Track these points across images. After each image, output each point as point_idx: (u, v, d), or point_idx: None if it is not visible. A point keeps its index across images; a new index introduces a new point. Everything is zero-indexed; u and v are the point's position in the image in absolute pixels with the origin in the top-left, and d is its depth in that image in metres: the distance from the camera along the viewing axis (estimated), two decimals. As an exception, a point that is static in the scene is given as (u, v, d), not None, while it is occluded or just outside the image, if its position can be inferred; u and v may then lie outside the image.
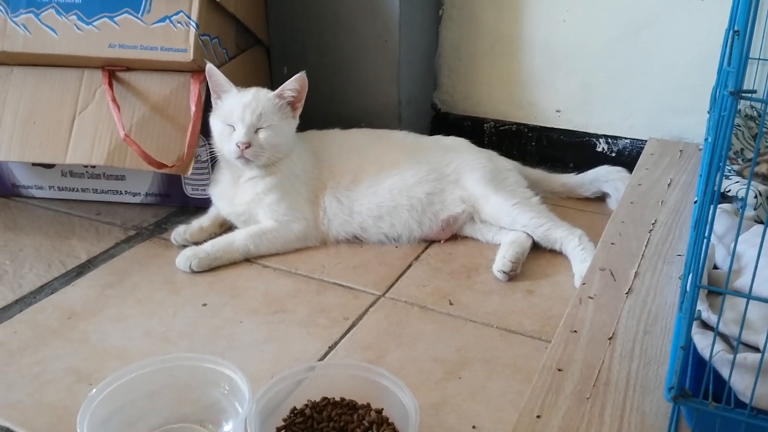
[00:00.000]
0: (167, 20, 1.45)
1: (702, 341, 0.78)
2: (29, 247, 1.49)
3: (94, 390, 0.92)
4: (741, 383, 0.72)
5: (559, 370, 0.89)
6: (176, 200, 1.67)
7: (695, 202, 1.14)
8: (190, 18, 1.44)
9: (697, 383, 0.75)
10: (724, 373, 0.74)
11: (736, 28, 0.80)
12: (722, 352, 0.74)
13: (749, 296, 0.66)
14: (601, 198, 1.70)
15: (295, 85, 1.44)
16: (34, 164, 1.66)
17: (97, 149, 1.47)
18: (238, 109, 1.41)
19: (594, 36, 1.73)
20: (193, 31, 1.44)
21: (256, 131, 1.42)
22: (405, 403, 0.93)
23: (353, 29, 1.72)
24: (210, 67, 1.43)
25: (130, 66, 1.50)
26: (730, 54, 0.68)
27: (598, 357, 0.92)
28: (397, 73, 1.73)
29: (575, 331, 0.97)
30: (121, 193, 1.67)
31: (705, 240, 0.68)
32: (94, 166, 1.64)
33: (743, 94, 0.58)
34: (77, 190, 1.68)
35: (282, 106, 1.45)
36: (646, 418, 0.81)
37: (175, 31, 1.45)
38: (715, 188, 0.64)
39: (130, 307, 1.29)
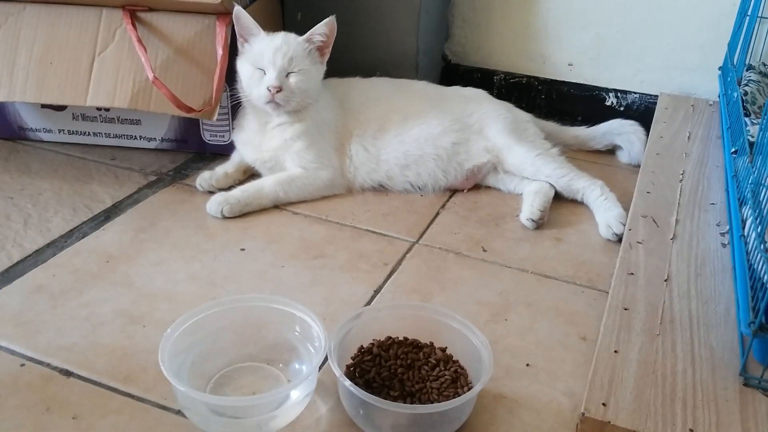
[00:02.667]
0: (194, -41, 1.40)
1: (774, 280, 0.83)
2: (48, 191, 1.45)
3: (169, 329, 0.93)
4: (818, 318, 0.77)
5: (626, 309, 0.94)
6: (193, 146, 1.64)
7: (733, 153, 1.19)
8: (218, -43, 1.40)
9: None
10: (800, 308, 0.79)
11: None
12: (799, 289, 0.79)
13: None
14: (611, 151, 1.75)
15: (324, 29, 1.43)
16: (43, 106, 1.60)
17: (119, 91, 1.43)
18: (269, 53, 1.38)
19: (611, -10, 1.75)
20: (221, -29, 1.40)
21: (287, 76, 1.40)
22: (475, 342, 0.96)
23: (375, -25, 1.70)
24: (238, 9, 1.40)
25: (153, 6, 1.45)
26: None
27: (659, 297, 0.96)
28: (416, 22, 1.72)
29: (632, 274, 1.01)
30: (135, 138, 1.64)
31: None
32: (108, 110, 1.60)
33: None
34: (89, 134, 1.64)
35: (311, 51, 1.44)
36: (714, 352, 0.87)
37: (203, -30, 1.40)
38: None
39: (168, 251, 1.28)
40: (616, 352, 0.86)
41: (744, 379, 0.82)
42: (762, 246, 0.81)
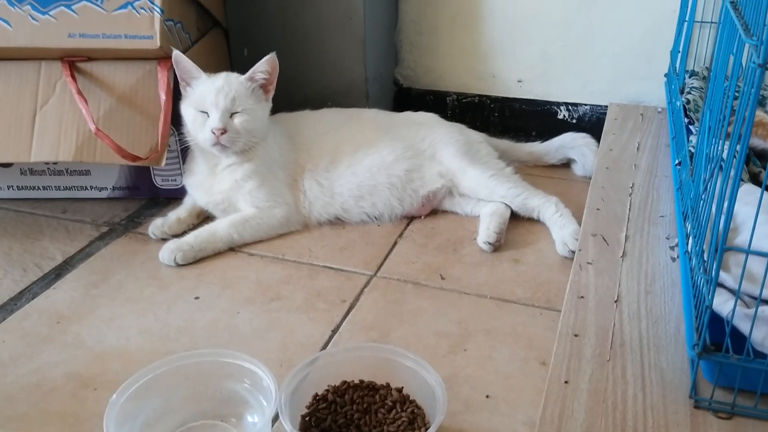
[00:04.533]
0: (129, 6, 1.39)
1: (716, 299, 0.83)
2: (-2, 251, 1.43)
3: (115, 395, 0.90)
4: (759, 335, 0.77)
5: (576, 336, 0.93)
6: (145, 192, 1.62)
7: (677, 164, 1.19)
8: (153, 3, 1.39)
9: (710, 337, 0.79)
10: (743, 327, 0.79)
11: (732, 0, 0.84)
12: (739, 308, 0.79)
13: (769, 254, 0.71)
14: (566, 164, 1.75)
15: (266, 67, 1.42)
16: (-11, 164, 1.58)
17: (63, 145, 1.41)
18: (211, 95, 1.37)
19: (552, 6, 1.76)
20: (158, 16, 1.39)
21: (231, 116, 1.39)
22: (429, 381, 0.95)
23: (317, 8, 1.69)
24: (177, 53, 1.39)
25: (92, 56, 1.43)
26: (745, 25, 0.71)
27: (609, 320, 0.96)
28: (363, 50, 1.72)
29: (582, 297, 1.01)
30: (86, 189, 1.61)
31: (725, 212, 0.72)
32: (56, 163, 1.57)
33: (771, 66, 0.61)
34: (39, 189, 1.61)
35: (254, 90, 1.43)
36: (665, 374, 0.86)
37: (139, 17, 1.39)
38: (736, 165, 0.68)
39: (120, 306, 1.26)
40: (566, 382, 0.85)
41: (694, 401, 0.81)
42: (701, 266, 0.81)
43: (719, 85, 0.88)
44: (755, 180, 1.13)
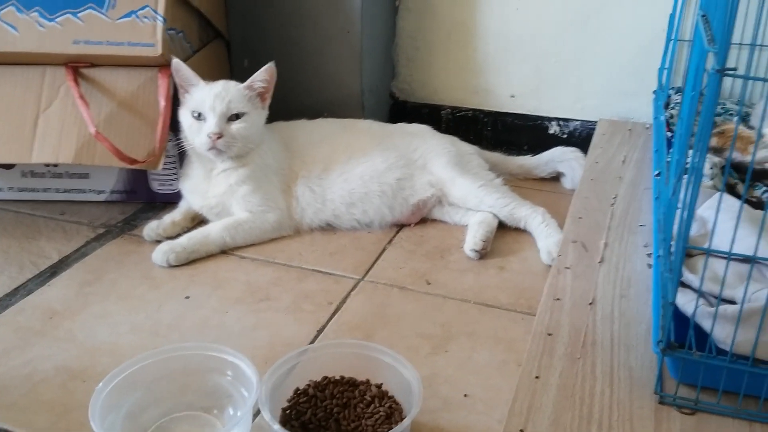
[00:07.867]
0: (133, 15, 1.44)
1: (682, 298, 0.86)
2: (-4, 249, 1.47)
3: (101, 383, 0.93)
4: (722, 333, 0.80)
5: (549, 335, 0.96)
6: (142, 196, 1.66)
7: (656, 175, 1.23)
8: (156, 12, 1.44)
9: (677, 337, 0.82)
10: (705, 325, 0.82)
11: (703, 13, 0.88)
12: (702, 306, 0.82)
13: (729, 254, 0.74)
14: (556, 178, 1.79)
15: (264, 75, 1.46)
16: (-8, 165, 1.62)
17: (64, 147, 1.45)
18: (209, 100, 1.42)
19: (546, 23, 1.81)
20: (160, 25, 1.44)
21: (228, 122, 1.43)
22: (406, 376, 0.98)
23: (316, 21, 1.74)
24: (176, 61, 1.44)
25: (95, 62, 1.48)
26: (711, 36, 0.75)
27: (582, 321, 0.99)
28: (359, 63, 1.76)
29: (558, 299, 1.04)
30: (85, 192, 1.65)
31: (687, 209, 0.75)
32: (56, 165, 1.62)
33: (726, 72, 0.65)
34: (39, 191, 1.65)
35: (252, 97, 1.47)
36: (633, 372, 0.89)
37: (142, 25, 1.44)
38: (696, 163, 0.71)
39: (113, 303, 1.29)
40: (537, 377, 0.88)
41: (659, 397, 0.84)
42: (667, 265, 0.84)
43: (689, 94, 0.91)
44: (731, 191, 1.16)
